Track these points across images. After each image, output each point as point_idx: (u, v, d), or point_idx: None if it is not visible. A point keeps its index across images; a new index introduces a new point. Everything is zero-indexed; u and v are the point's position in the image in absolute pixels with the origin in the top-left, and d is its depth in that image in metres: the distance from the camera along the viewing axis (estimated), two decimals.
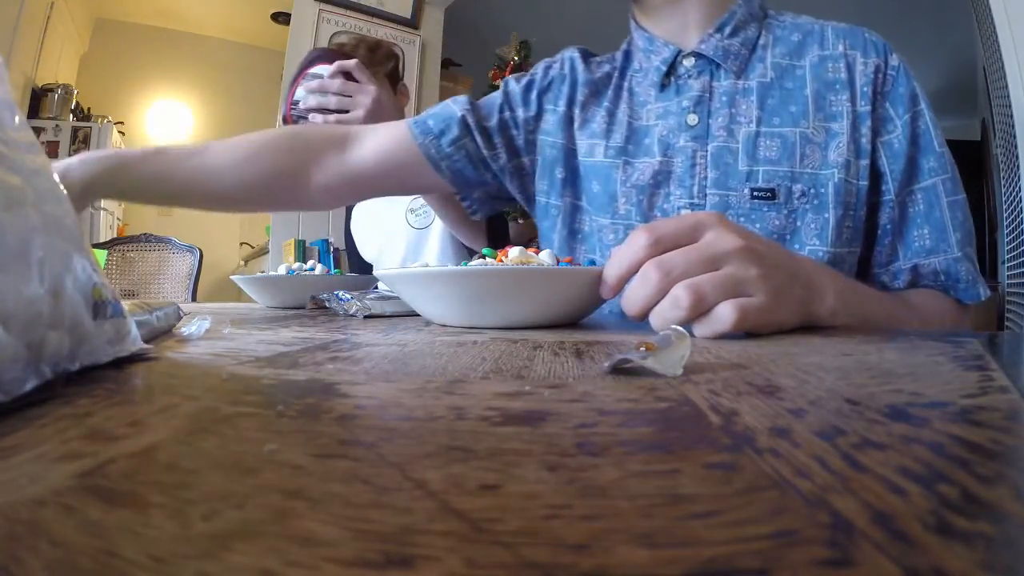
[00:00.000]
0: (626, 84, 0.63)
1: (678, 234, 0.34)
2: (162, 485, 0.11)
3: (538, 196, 0.65)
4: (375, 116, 0.79)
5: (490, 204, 0.75)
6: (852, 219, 0.54)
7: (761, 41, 0.58)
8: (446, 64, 3.09)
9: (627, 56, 0.65)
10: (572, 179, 0.63)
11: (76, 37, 3.27)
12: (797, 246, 0.54)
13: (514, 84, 0.66)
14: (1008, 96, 1.57)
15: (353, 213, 1.26)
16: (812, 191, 0.53)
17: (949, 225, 0.53)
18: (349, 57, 0.85)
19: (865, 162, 0.53)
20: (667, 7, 0.59)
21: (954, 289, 0.54)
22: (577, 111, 0.63)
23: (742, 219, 0.54)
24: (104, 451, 0.12)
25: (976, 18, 2.36)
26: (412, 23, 2.69)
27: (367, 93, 0.82)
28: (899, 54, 0.55)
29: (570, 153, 0.63)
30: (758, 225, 0.53)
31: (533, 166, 0.65)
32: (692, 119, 0.56)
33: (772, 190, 0.52)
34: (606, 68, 0.65)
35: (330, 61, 0.84)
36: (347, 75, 0.83)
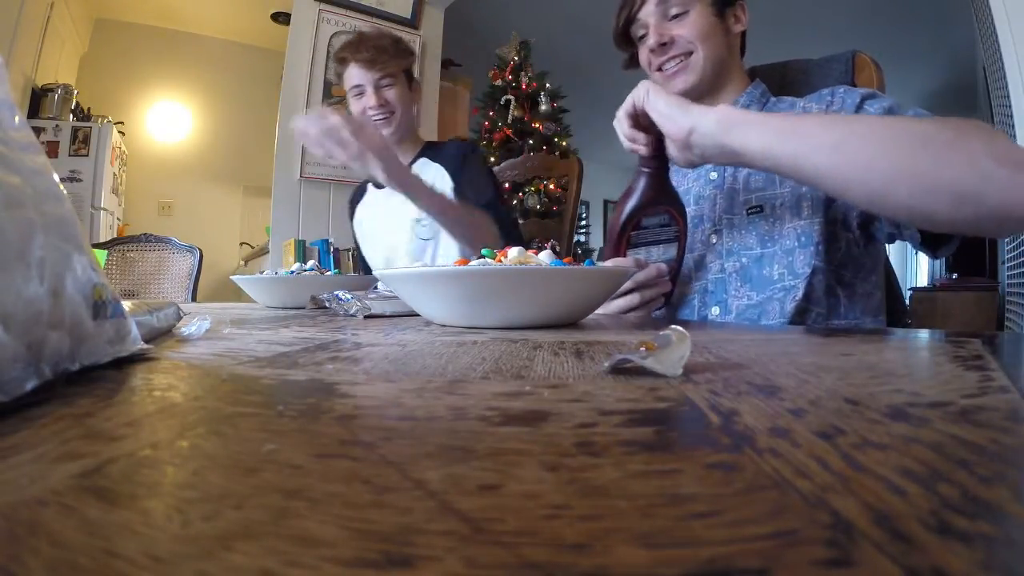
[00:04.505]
0: None
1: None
2: (162, 485, 0.11)
3: None
4: (386, 153, 0.76)
5: None
6: (811, 196, 0.68)
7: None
8: (446, 64, 3.08)
9: None
10: None
11: (76, 37, 3.27)
12: (786, 241, 0.68)
13: None
14: (1008, 96, 1.57)
15: (354, 224, 1.25)
16: (791, 200, 0.69)
17: None
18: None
19: None
20: (705, 101, 0.75)
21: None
22: None
23: (742, 230, 0.72)
24: (104, 451, 0.12)
25: (976, 18, 2.36)
26: (412, 23, 2.69)
27: (366, 138, 0.74)
28: (879, 100, 0.66)
29: None
30: (753, 233, 0.71)
31: None
32: (713, 175, 0.77)
33: (760, 206, 0.71)
34: None
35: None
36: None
